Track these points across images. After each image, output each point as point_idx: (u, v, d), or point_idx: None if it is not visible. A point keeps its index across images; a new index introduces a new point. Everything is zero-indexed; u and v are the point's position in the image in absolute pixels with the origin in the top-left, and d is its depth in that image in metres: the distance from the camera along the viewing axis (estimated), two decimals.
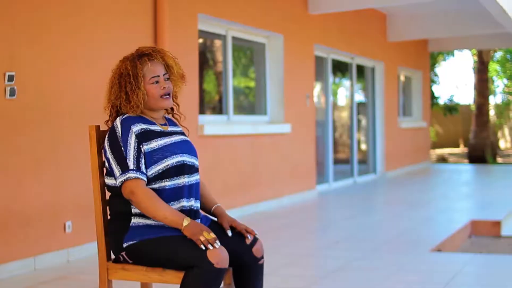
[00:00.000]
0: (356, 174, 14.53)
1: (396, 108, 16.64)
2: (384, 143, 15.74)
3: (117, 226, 3.48)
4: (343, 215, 9.80)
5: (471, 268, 6.25)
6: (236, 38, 10.05)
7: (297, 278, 5.83)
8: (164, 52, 3.64)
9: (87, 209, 6.54)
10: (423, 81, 19.07)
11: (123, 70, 3.53)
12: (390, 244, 7.40)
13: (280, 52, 10.70)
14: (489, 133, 23.89)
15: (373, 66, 15.58)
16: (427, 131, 19.61)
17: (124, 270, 3.50)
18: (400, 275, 5.90)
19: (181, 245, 3.31)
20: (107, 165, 3.49)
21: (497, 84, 31.77)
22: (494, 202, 11.02)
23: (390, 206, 11.19)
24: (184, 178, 3.51)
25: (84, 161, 6.49)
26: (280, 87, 10.71)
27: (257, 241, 3.62)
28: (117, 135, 3.45)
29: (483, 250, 8.05)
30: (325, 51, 12.89)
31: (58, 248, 6.29)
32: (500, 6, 11.69)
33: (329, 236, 8.01)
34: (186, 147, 3.61)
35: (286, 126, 10.65)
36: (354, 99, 14.61)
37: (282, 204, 10.56)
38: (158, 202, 3.36)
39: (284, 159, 10.78)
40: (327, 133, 13.11)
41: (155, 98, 3.54)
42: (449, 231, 8.16)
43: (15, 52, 5.88)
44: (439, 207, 10.52)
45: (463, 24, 15.08)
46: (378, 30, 15.07)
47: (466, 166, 20.59)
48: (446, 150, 29.92)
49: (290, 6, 10.87)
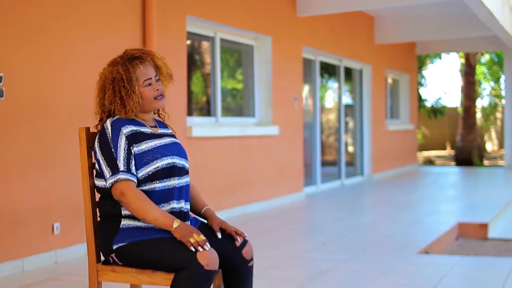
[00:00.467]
0: (343, 176, 14.55)
1: (383, 110, 16.68)
2: (372, 145, 15.78)
3: (107, 228, 3.48)
4: (330, 217, 9.81)
5: (459, 270, 6.28)
6: (224, 40, 10.06)
7: (285, 280, 5.84)
8: (153, 53, 3.65)
9: (76, 210, 6.53)
10: (411, 84, 19.12)
11: (115, 75, 3.52)
12: (378, 246, 7.42)
13: (268, 54, 10.71)
14: (476, 135, 23.99)
15: (360, 69, 15.61)
16: (414, 134, 19.66)
17: (113, 272, 3.49)
18: (388, 277, 5.92)
19: (171, 247, 3.31)
20: (97, 167, 3.49)
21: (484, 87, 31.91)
22: (481, 204, 11.06)
23: (377, 208, 11.22)
24: (174, 180, 3.51)
25: (73, 162, 6.49)
26: (268, 89, 10.72)
27: (246, 243, 3.63)
28: (107, 136, 3.45)
29: (470, 252, 8.08)
30: (313, 53, 12.91)
31: (46, 249, 6.28)
32: (487, 9, 11.75)
33: (317, 238, 8.03)
34: (176, 149, 3.61)
35: (274, 128, 10.66)
36: (342, 102, 14.63)
37: (270, 206, 10.57)
38: (148, 204, 3.36)
39: (272, 161, 10.79)
40: (315, 135, 13.13)
41: (149, 100, 3.55)
42: (436, 233, 8.19)
43: (3, 54, 5.87)
44: (426, 209, 10.55)
45: (450, 27, 15.15)
46: (366, 32, 15.11)
47: (453, 169, 20.67)
48: (433, 152, 30.02)
49: (279, 8, 10.88)
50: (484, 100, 32.12)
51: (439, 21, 15.10)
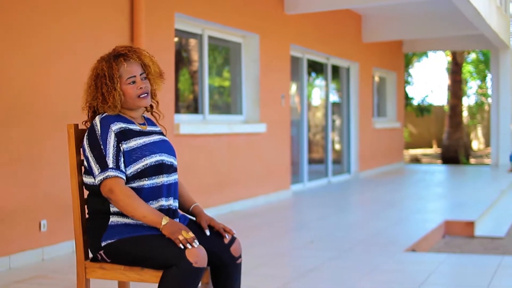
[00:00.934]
0: (330, 174, 14.57)
1: (370, 108, 16.71)
2: (359, 143, 15.80)
3: (95, 225, 3.47)
4: (317, 215, 9.83)
5: (446, 268, 6.30)
6: (212, 37, 10.05)
7: (272, 278, 5.84)
8: (140, 51, 3.64)
9: (63, 208, 6.52)
10: (397, 82, 19.16)
11: (99, 71, 3.52)
12: (365, 244, 7.43)
13: (256, 51, 10.71)
14: (462, 134, 24.07)
15: (348, 67, 15.63)
16: (401, 132, 19.71)
17: (102, 269, 3.49)
18: (375, 274, 5.94)
19: (159, 244, 3.31)
20: (86, 164, 3.49)
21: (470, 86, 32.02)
22: (467, 202, 11.10)
23: (364, 206, 11.25)
24: (162, 178, 3.51)
25: (60, 159, 6.48)
26: (256, 87, 10.72)
27: (235, 240, 3.63)
28: (96, 133, 3.44)
29: (457, 250, 8.10)
30: (300, 51, 12.91)
31: (33, 247, 6.26)
32: (474, 7, 11.81)
33: (304, 236, 8.03)
34: (165, 146, 3.61)
35: (262, 126, 10.66)
36: (329, 100, 14.65)
37: (257, 203, 10.57)
38: (136, 201, 3.36)
39: (259, 159, 10.80)
40: (302, 133, 13.14)
41: (132, 98, 3.54)
42: (423, 231, 8.22)
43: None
44: (413, 207, 10.58)
45: (437, 25, 15.20)
46: (354, 31, 15.13)
47: (439, 167, 20.74)
48: (419, 150, 30.09)
49: (267, 6, 10.88)
50: (471, 99, 32.24)
51: (426, 20, 15.14)
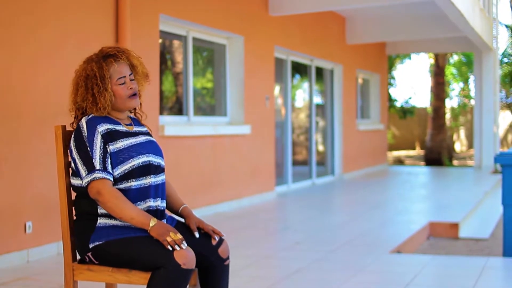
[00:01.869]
0: (314, 176, 14.58)
1: (354, 110, 16.74)
2: (342, 145, 15.83)
3: (83, 227, 3.45)
4: (302, 216, 9.84)
5: (431, 269, 6.32)
6: (196, 39, 10.04)
7: (258, 279, 5.84)
8: (128, 52, 3.63)
9: (48, 209, 6.49)
10: (381, 84, 19.21)
11: (89, 72, 3.50)
12: (350, 246, 7.44)
13: (240, 53, 10.71)
14: (445, 136, 24.17)
15: (332, 69, 15.66)
16: (385, 134, 19.76)
17: (89, 271, 3.47)
18: (360, 276, 5.95)
19: (147, 246, 3.30)
20: (73, 165, 3.47)
21: (453, 88, 32.15)
22: (451, 204, 11.14)
23: (348, 207, 11.27)
24: (150, 178, 3.50)
25: (45, 161, 6.45)
26: (240, 89, 10.72)
27: (223, 242, 3.62)
28: (83, 135, 3.43)
29: (442, 251, 8.13)
30: (285, 53, 12.92)
31: (18, 248, 6.23)
32: (457, 9, 11.85)
33: (289, 238, 8.04)
34: (152, 147, 3.61)
35: (246, 127, 10.66)
36: (313, 101, 14.66)
37: (242, 205, 10.57)
38: (124, 203, 3.35)
39: (244, 160, 10.80)
40: (286, 135, 13.15)
41: (122, 98, 3.53)
42: (408, 232, 8.24)
43: None
44: (397, 208, 10.61)
45: (420, 27, 15.26)
46: (337, 33, 15.16)
47: (422, 168, 20.81)
48: (403, 152, 30.18)
49: (251, 7, 10.88)
50: (453, 101, 32.37)
51: (409, 22, 15.20)
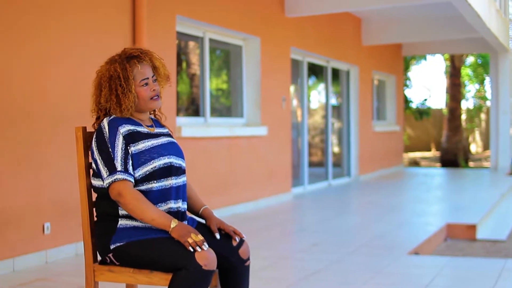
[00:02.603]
0: (330, 177, 14.56)
1: (370, 111, 16.71)
2: (358, 146, 15.80)
3: (104, 228, 3.46)
4: (319, 217, 9.82)
5: (449, 271, 6.30)
6: (213, 40, 10.04)
7: (276, 280, 5.84)
8: (151, 53, 3.62)
9: (66, 210, 6.51)
10: (397, 85, 19.16)
11: (112, 73, 3.49)
12: (368, 247, 7.43)
13: (257, 54, 10.71)
14: (461, 137, 24.08)
15: (348, 70, 15.63)
16: (401, 135, 19.71)
17: (110, 272, 3.48)
18: (379, 277, 5.93)
19: (169, 247, 3.30)
20: (94, 166, 3.47)
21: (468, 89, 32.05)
22: (468, 205, 11.10)
23: (365, 209, 11.24)
24: (171, 180, 3.50)
25: (64, 162, 6.47)
26: (257, 90, 10.72)
27: (243, 243, 3.63)
28: (104, 136, 3.43)
29: (459, 253, 8.10)
30: (301, 54, 12.91)
31: (36, 249, 6.24)
32: (474, 11, 11.81)
33: (306, 239, 8.03)
34: (173, 148, 3.60)
35: (263, 128, 10.66)
36: (329, 103, 14.64)
37: (258, 206, 10.56)
38: (145, 204, 3.35)
39: (260, 162, 10.79)
40: (302, 136, 13.13)
41: (145, 100, 3.53)
42: (425, 234, 8.21)
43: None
44: (414, 210, 10.58)
45: (437, 28, 15.20)
46: (353, 34, 15.13)
47: (438, 170, 20.74)
48: (418, 154, 30.10)
49: (267, 9, 10.88)
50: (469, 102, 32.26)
51: (426, 23, 15.15)
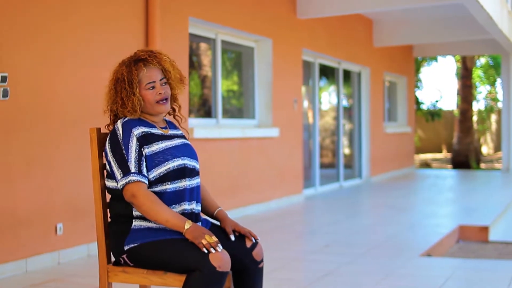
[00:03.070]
0: (342, 179, 14.55)
1: (381, 113, 16.69)
2: (370, 148, 15.78)
3: (118, 229, 3.47)
4: (330, 219, 9.80)
5: (462, 273, 6.28)
6: (225, 41, 10.05)
7: (288, 282, 5.83)
8: (161, 56, 3.60)
9: (79, 211, 6.53)
10: (408, 87, 19.13)
11: (119, 76, 3.52)
12: (380, 249, 7.42)
13: (268, 56, 10.71)
14: (472, 138, 24.01)
15: (359, 71, 15.62)
16: (412, 136, 19.68)
17: (124, 273, 3.49)
18: (392, 279, 5.92)
19: (183, 248, 3.31)
20: (108, 168, 3.48)
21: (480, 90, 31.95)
22: (480, 207, 11.07)
23: (377, 210, 11.23)
24: (185, 181, 3.50)
25: (76, 163, 6.49)
26: (268, 91, 10.72)
27: (257, 244, 3.64)
28: (118, 138, 3.44)
29: (471, 255, 8.08)
30: (312, 56, 12.91)
31: (49, 250, 6.26)
32: (486, 12, 11.78)
33: (318, 240, 8.02)
34: (187, 150, 3.61)
35: (275, 130, 10.66)
36: (340, 104, 14.64)
37: (270, 207, 10.57)
38: (159, 205, 3.35)
39: (272, 163, 10.79)
40: (314, 138, 13.13)
41: (151, 103, 3.53)
42: (437, 236, 8.19)
43: (8, 53, 5.86)
44: (426, 212, 10.55)
45: (448, 30, 15.17)
46: (365, 35, 15.12)
47: (450, 172, 20.69)
48: (429, 155, 30.03)
49: (279, 10, 10.88)
50: (480, 103, 32.16)
51: (437, 24, 15.12)
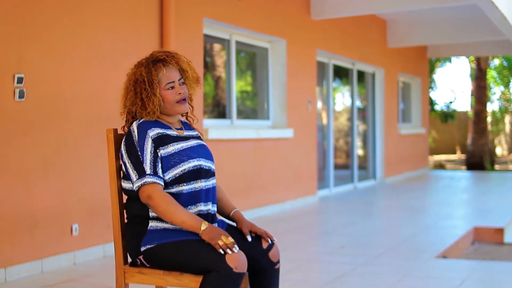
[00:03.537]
0: (356, 180, 14.53)
1: (395, 114, 16.66)
2: (384, 149, 15.75)
3: (135, 230, 3.47)
4: (345, 220, 9.79)
5: (478, 274, 6.25)
6: (239, 42, 10.05)
7: (304, 283, 5.83)
8: (178, 56, 3.62)
9: (94, 212, 6.55)
10: (422, 88, 19.09)
11: (138, 76, 3.51)
12: (395, 250, 7.39)
13: (283, 56, 10.71)
14: (487, 140, 23.92)
15: (373, 72, 15.60)
16: (426, 138, 19.63)
17: (141, 274, 3.49)
18: (407, 281, 5.90)
19: (199, 249, 3.30)
20: (124, 169, 3.49)
21: (494, 91, 31.83)
22: (495, 209, 11.03)
23: (391, 212, 11.20)
24: (201, 182, 3.50)
25: (92, 164, 6.51)
26: (282, 92, 10.71)
27: (273, 245, 3.62)
28: (133, 139, 3.44)
29: (487, 257, 8.05)
30: (326, 57, 12.90)
31: (65, 251, 6.28)
32: (501, 13, 11.72)
33: (332, 242, 8.00)
34: (202, 151, 3.61)
35: (289, 131, 10.65)
36: (354, 105, 14.61)
37: (284, 208, 10.56)
38: (175, 207, 3.35)
39: (286, 164, 10.78)
40: (328, 139, 13.11)
41: (171, 103, 3.54)
42: (452, 237, 8.17)
43: (24, 55, 5.88)
44: (441, 213, 10.52)
45: (463, 31, 15.12)
46: (378, 36, 15.09)
47: (464, 173, 20.63)
48: (443, 156, 29.93)
49: (293, 11, 10.88)
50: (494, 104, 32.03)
51: (451, 25, 15.07)
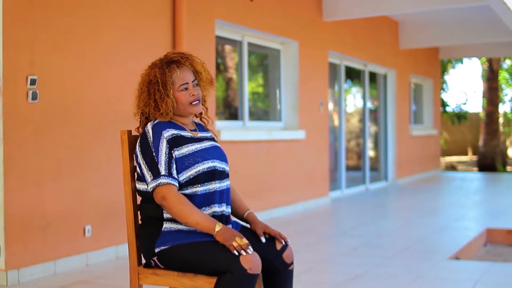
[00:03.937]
0: (368, 181, 14.51)
1: (407, 115, 16.63)
2: (395, 150, 15.73)
3: (149, 231, 3.47)
4: (357, 222, 9.77)
5: (491, 276, 6.23)
6: (251, 44, 10.05)
7: (317, 284, 5.82)
8: (192, 58, 3.62)
9: (107, 213, 6.56)
10: (434, 89, 19.05)
11: (152, 78, 3.52)
12: (408, 251, 7.38)
13: (295, 58, 10.70)
14: (499, 141, 23.86)
15: (385, 73, 15.57)
16: (438, 139, 19.58)
17: (155, 275, 3.49)
18: (421, 282, 5.89)
19: (213, 251, 3.30)
20: (139, 170, 3.49)
21: (505, 93, 31.73)
22: (507, 210, 11.00)
23: (404, 213, 11.18)
24: (215, 184, 3.50)
25: (105, 165, 6.52)
26: (294, 94, 10.71)
27: (287, 246, 3.61)
28: (148, 140, 3.44)
29: (499, 258, 8.03)
30: (338, 58, 12.88)
31: (77, 252, 6.29)
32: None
33: (345, 243, 8.00)
34: (217, 152, 3.61)
35: (301, 132, 10.64)
36: (366, 106, 14.60)
37: (296, 210, 10.55)
38: (189, 208, 3.35)
39: (298, 165, 10.78)
40: (340, 140, 13.10)
41: (184, 105, 3.54)
42: (465, 239, 8.14)
43: (37, 56, 5.89)
44: (453, 215, 10.49)
45: (474, 32, 15.08)
46: (390, 37, 15.07)
47: (476, 174, 20.56)
48: (455, 158, 29.87)
49: (305, 13, 10.87)
50: (506, 106, 31.94)
51: (463, 26, 15.04)
